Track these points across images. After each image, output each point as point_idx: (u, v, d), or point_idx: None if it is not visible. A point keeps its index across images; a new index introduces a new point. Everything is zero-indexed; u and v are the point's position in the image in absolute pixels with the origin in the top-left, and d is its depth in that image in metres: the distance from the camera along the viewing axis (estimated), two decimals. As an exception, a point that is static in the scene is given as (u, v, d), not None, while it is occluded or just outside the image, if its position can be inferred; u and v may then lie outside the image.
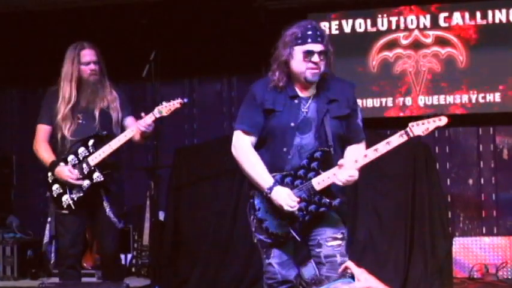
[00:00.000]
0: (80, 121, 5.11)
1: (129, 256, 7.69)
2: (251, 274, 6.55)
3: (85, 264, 7.33)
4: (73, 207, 5.02)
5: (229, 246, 6.74)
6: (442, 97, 7.70)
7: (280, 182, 3.88)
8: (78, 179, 4.98)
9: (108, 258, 5.27)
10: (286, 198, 3.82)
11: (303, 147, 3.91)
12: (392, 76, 7.80)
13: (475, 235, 7.50)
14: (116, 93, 5.28)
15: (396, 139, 3.84)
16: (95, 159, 4.99)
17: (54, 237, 5.16)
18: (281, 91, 3.98)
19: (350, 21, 8.00)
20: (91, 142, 5.04)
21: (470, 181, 7.78)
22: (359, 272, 2.83)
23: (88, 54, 5.17)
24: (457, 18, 7.74)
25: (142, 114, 5.01)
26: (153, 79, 6.41)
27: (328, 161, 3.86)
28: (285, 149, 3.91)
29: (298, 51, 3.91)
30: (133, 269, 7.64)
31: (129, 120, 5.26)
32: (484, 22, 7.64)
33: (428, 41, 7.81)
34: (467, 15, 7.69)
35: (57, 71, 5.25)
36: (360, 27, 7.94)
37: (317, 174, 3.86)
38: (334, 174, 3.81)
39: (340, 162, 3.82)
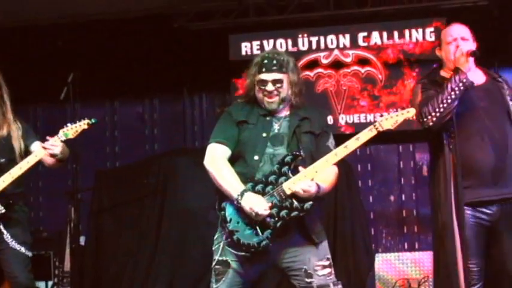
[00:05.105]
0: None
1: (50, 283, 7.50)
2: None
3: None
4: None
5: (152, 268, 6.65)
6: (362, 115, 7.81)
7: (252, 190, 3.80)
8: None
9: None
10: (257, 202, 3.73)
11: (275, 156, 3.87)
12: (313, 95, 7.87)
13: (398, 251, 7.60)
14: (19, 122, 4.86)
15: (365, 134, 3.79)
16: None
17: None
18: (254, 110, 3.99)
19: (271, 41, 8.07)
20: None
21: (392, 198, 7.89)
22: None
23: None
24: (375, 37, 7.88)
25: (48, 137, 4.61)
26: (71, 101, 6.30)
27: (298, 166, 3.79)
28: (256, 157, 3.87)
29: (257, 80, 3.94)
30: (55, 296, 7.47)
31: (35, 146, 4.84)
32: (402, 41, 7.80)
33: (348, 60, 7.93)
34: (385, 34, 7.84)
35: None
36: (281, 47, 7.99)
37: (288, 178, 3.77)
38: (305, 176, 3.75)
39: (300, 168, 3.77)
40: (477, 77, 4.20)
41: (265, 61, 3.92)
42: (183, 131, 8.56)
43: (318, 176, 3.78)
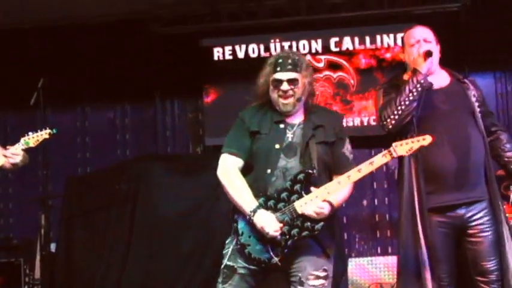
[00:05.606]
0: None
1: (21, 291, 7.43)
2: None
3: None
4: None
5: (123, 274, 6.61)
6: (335, 120, 7.82)
7: (264, 205, 3.79)
8: None
9: None
10: (269, 222, 3.73)
11: (288, 170, 3.83)
12: (286, 100, 7.85)
13: (371, 255, 7.62)
14: None
15: (379, 159, 3.75)
16: None
17: None
18: (267, 116, 3.95)
19: (243, 46, 8.05)
20: None
21: (365, 202, 7.91)
22: None
23: None
24: (347, 42, 7.91)
25: (8, 146, 4.60)
26: (42, 107, 6.24)
27: (311, 184, 3.78)
28: (269, 171, 3.84)
29: (271, 80, 3.90)
30: (25, 304, 7.39)
31: None
32: (373, 46, 7.84)
33: (321, 65, 7.94)
34: (356, 40, 7.87)
35: None
36: (254, 53, 8.00)
37: (300, 197, 3.76)
38: (317, 196, 3.74)
39: (312, 188, 3.76)
40: (441, 79, 4.20)
41: (280, 60, 3.90)
42: (155, 137, 8.51)
43: (330, 197, 3.78)
